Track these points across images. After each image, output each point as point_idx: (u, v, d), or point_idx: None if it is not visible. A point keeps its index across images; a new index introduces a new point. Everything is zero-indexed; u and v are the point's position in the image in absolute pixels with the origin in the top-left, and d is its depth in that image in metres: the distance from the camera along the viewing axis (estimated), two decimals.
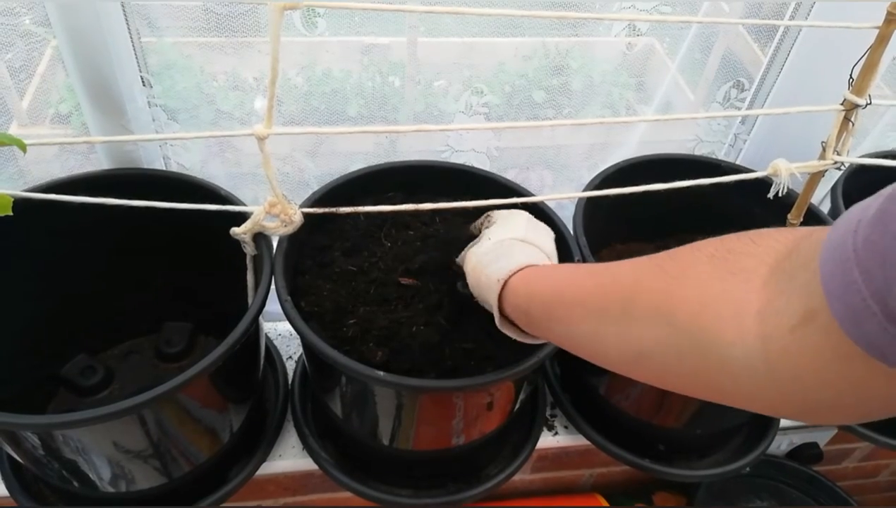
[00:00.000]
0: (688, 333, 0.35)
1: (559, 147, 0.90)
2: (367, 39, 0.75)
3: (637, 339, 0.39)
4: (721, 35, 0.84)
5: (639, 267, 0.41)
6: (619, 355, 0.41)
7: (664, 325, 0.37)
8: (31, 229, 0.68)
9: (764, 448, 0.86)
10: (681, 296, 0.36)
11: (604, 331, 0.42)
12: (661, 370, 0.39)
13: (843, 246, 0.26)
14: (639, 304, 0.39)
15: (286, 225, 0.62)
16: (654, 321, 0.37)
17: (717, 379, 0.35)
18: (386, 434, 0.69)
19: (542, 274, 0.50)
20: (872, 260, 0.25)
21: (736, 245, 0.36)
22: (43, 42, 0.69)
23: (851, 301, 0.26)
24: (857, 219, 0.27)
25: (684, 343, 0.36)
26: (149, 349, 0.86)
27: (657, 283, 0.38)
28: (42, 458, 0.61)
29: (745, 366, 0.32)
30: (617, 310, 0.41)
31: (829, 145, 0.64)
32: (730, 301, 0.33)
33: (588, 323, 0.43)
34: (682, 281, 0.37)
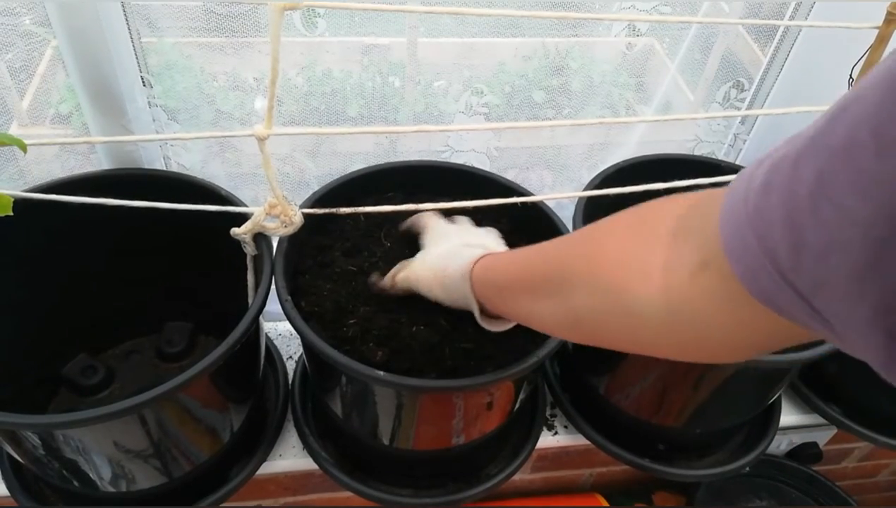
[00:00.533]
0: (609, 293, 0.38)
1: (559, 147, 0.90)
2: (367, 40, 0.76)
3: (570, 307, 0.42)
4: (721, 35, 0.84)
5: (566, 240, 0.46)
6: (557, 324, 0.45)
7: (591, 290, 0.40)
8: (32, 229, 0.68)
9: (763, 448, 0.86)
10: (602, 261, 0.40)
11: (541, 305, 0.45)
12: (593, 331, 0.42)
13: (737, 212, 0.29)
14: (567, 275, 0.42)
15: (286, 225, 0.62)
16: (582, 287, 0.41)
17: (636, 332, 0.38)
18: (386, 434, 0.69)
19: (494, 260, 0.54)
20: (763, 226, 0.28)
21: (646, 211, 0.39)
22: (43, 42, 0.69)
23: (749, 261, 0.29)
24: (745, 187, 0.29)
25: (608, 303, 0.39)
26: (149, 349, 0.86)
27: (582, 251, 0.42)
28: (43, 458, 0.61)
29: (652, 316, 0.36)
30: (549, 284, 0.44)
31: None
32: (640, 258, 0.37)
33: (527, 299, 0.47)
34: (603, 247, 0.40)
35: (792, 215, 0.26)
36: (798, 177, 0.26)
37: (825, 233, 0.25)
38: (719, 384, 0.72)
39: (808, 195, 0.25)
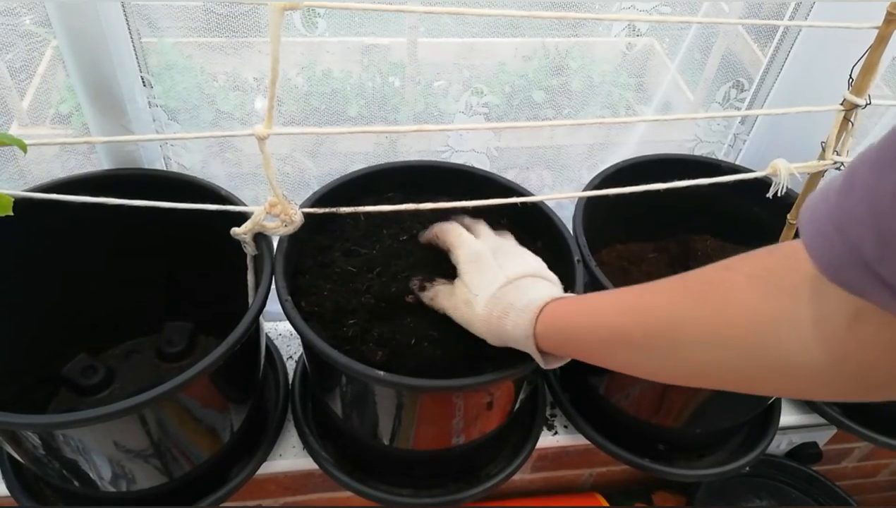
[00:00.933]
0: (745, 351, 0.38)
1: (559, 147, 0.90)
2: (367, 40, 0.76)
3: (687, 363, 0.42)
4: (721, 35, 0.84)
5: (676, 298, 0.44)
6: (670, 377, 0.45)
7: (717, 348, 0.40)
8: (32, 229, 0.68)
9: (763, 448, 0.86)
10: (732, 320, 0.39)
11: (650, 361, 0.45)
12: (716, 382, 0.42)
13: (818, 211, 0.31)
14: (685, 335, 0.42)
15: (286, 225, 0.62)
16: (705, 346, 0.41)
17: (780, 383, 0.39)
18: (386, 434, 0.69)
19: (568, 317, 0.52)
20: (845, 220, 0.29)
21: (769, 262, 0.39)
22: (43, 42, 0.69)
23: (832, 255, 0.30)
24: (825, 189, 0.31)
25: (741, 360, 0.39)
26: (149, 349, 0.86)
27: (702, 313, 0.41)
28: (43, 458, 0.61)
29: (811, 370, 0.36)
30: (662, 343, 0.44)
31: (828, 145, 0.64)
32: (783, 315, 0.37)
33: (631, 355, 0.46)
34: (729, 306, 0.39)
35: (876, 210, 0.27)
36: (882, 174, 0.27)
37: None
38: None
39: (892, 195, 0.27)
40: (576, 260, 0.69)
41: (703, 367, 0.42)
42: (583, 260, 0.69)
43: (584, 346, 0.50)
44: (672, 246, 0.89)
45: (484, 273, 0.58)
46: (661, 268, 0.86)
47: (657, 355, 0.44)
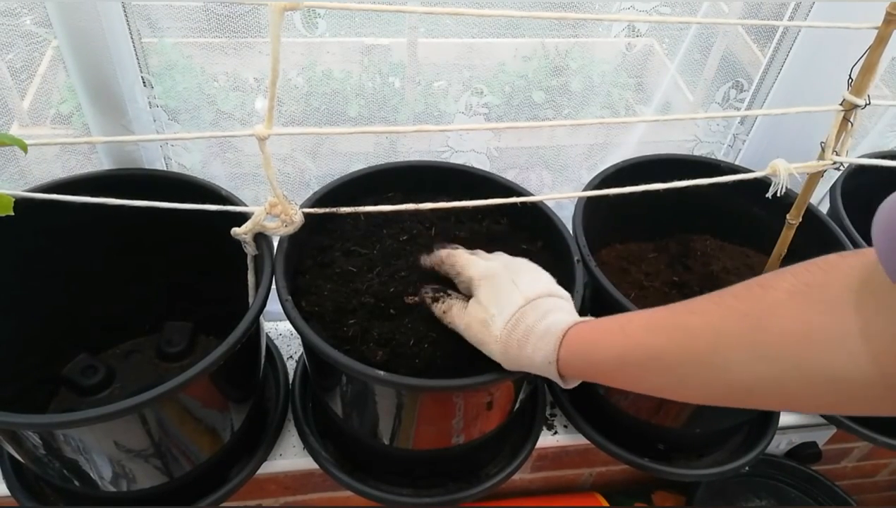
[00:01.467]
0: (789, 366, 0.38)
1: (559, 147, 0.90)
2: (367, 40, 0.76)
3: (726, 381, 0.42)
4: (720, 35, 0.84)
5: (713, 317, 0.43)
6: (706, 396, 0.45)
7: (760, 364, 0.40)
8: (33, 229, 0.68)
9: (763, 448, 0.86)
10: (774, 336, 0.39)
11: (687, 380, 0.45)
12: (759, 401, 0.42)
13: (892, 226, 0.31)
14: (725, 353, 0.41)
15: (287, 225, 0.62)
16: (746, 364, 0.40)
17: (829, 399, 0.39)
18: (386, 434, 0.69)
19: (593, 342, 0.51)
20: None
21: (810, 278, 0.39)
22: (44, 42, 0.69)
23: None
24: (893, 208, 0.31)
25: (785, 375, 0.39)
26: (150, 348, 0.86)
27: (742, 329, 0.41)
28: (43, 457, 0.61)
29: (861, 385, 0.36)
30: (700, 362, 0.43)
31: (828, 145, 0.64)
32: (830, 331, 0.37)
33: (667, 377, 0.46)
34: (771, 321, 0.39)
35: None
36: None
37: None
38: None
39: None
40: (576, 260, 0.69)
41: (744, 386, 0.41)
42: (583, 260, 0.69)
43: (612, 370, 0.49)
44: (672, 246, 0.89)
45: (500, 292, 0.57)
46: (660, 268, 0.86)
47: (693, 375, 0.44)
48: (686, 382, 0.45)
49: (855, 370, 0.36)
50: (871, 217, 0.35)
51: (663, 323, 0.46)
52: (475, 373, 0.59)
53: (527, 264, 0.61)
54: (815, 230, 0.78)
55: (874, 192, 0.92)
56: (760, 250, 0.84)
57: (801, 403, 0.40)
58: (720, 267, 0.84)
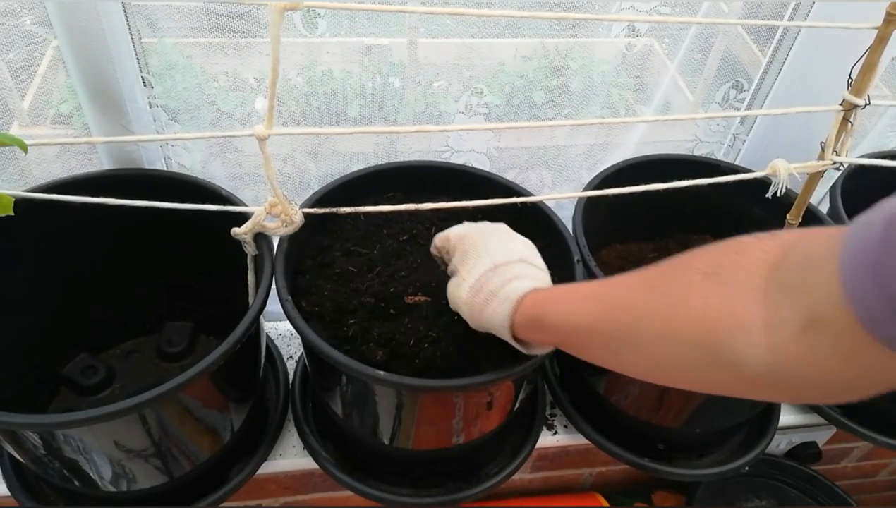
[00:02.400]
0: (699, 348, 0.38)
1: (559, 147, 0.90)
2: (367, 40, 0.76)
3: (651, 356, 0.42)
4: (720, 35, 0.84)
5: (637, 291, 0.44)
6: (636, 370, 0.45)
7: (676, 343, 0.40)
8: (33, 229, 0.68)
9: (763, 448, 0.86)
10: (685, 317, 0.39)
11: (617, 352, 0.46)
12: (679, 379, 0.42)
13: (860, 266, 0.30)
14: (646, 328, 0.42)
15: (287, 225, 0.62)
16: (665, 341, 0.41)
17: (733, 384, 0.38)
18: (386, 434, 0.69)
19: (544, 307, 0.52)
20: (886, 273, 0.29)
21: (724, 259, 0.39)
22: (44, 42, 0.69)
23: (875, 310, 0.29)
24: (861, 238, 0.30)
25: (697, 357, 0.39)
26: (150, 348, 0.86)
27: (658, 307, 0.41)
28: (43, 457, 0.61)
29: (759, 373, 0.36)
30: (626, 335, 0.44)
31: (828, 145, 0.64)
32: (733, 316, 0.37)
33: (601, 347, 0.47)
34: (683, 302, 0.40)
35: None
36: None
37: None
38: None
39: None
40: (576, 260, 0.69)
41: (661, 363, 0.42)
42: (583, 261, 0.69)
43: (558, 336, 0.51)
44: (672, 246, 0.89)
45: (471, 255, 0.58)
46: None
47: (621, 347, 0.45)
48: (616, 354, 0.46)
49: (753, 359, 0.36)
50: None
51: (602, 294, 0.47)
52: (475, 373, 0.59)
53: (501, 229, 0.62)
54: None
55: (874, 192, 0.92)
56: None
57: (707, 385, 0.41)
58: None
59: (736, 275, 0.37)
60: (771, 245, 0.37)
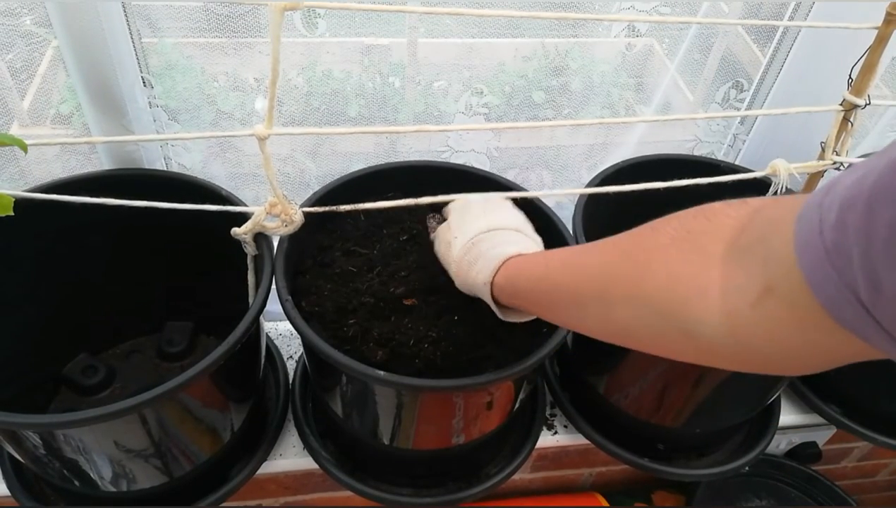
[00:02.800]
0: (661, 313, 0.38)
1: (559, 147, 0.90)
2: (367, 40, 0.76)
3: (617, 320, 0.42)
4: (720, 35, 0.84)
5: (607, 255, 0.45)
6: (603, 333, 0.45)
7: (639, 307, 0.40)
8: (33, 229, 0.68)
9: (763, 448, 0.86)
10: (650, 281, 0.39)
11: (585, 315, 0.46)
12: (643, 343, 0.42)
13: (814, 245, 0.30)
14: (613, 292, 0.42)
15: (287, 224, 0.62)
16: (630, 304, 0.41)
17: (692, 350, 0.38)
18: (386, 434, 0.69)
19: (521, 270, 0.53)
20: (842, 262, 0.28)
21: (693, 224, 0.39)
22: (44, 42, 0.69)
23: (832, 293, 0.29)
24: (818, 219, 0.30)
25: (659, 321, 0.39)
26: (150, 348, 0.86)
27: (626, 270, 0.42)
28: (43, 457, 0.61)
29: (714, 340, 0.36)
30: (594, 298, 0.44)
31: (828, 145, 0.64)
32: (694, 281, 0.37)
33: (571, 310, 0.47)
34: (649, 266, 0.40)
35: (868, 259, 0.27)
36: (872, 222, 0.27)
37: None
38: (719, 383, 0.72)
39: (883, 242, 0.26)
40: None
41: (627, 326, 0.42)
42: None
43: (531, 299, 0.51)
44: None
45: (467, 218, 0.61)
46: None
47: (590, 311, 0.45)
48: (584, 317, 0.46)
49: (707, 325, 0.35)
50: None
51: (574, 259, 0.48)
52: (475, 373, 0.59)
53: (506, 203, 0.64)
54: None
55: None
56: None
57: (667, 350, 0.41)
58: None
59: (701, 241, 0.37)
60: (740, 211, 0.37)
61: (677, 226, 0.40)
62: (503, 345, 0.63)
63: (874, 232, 0.26)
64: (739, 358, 0.36)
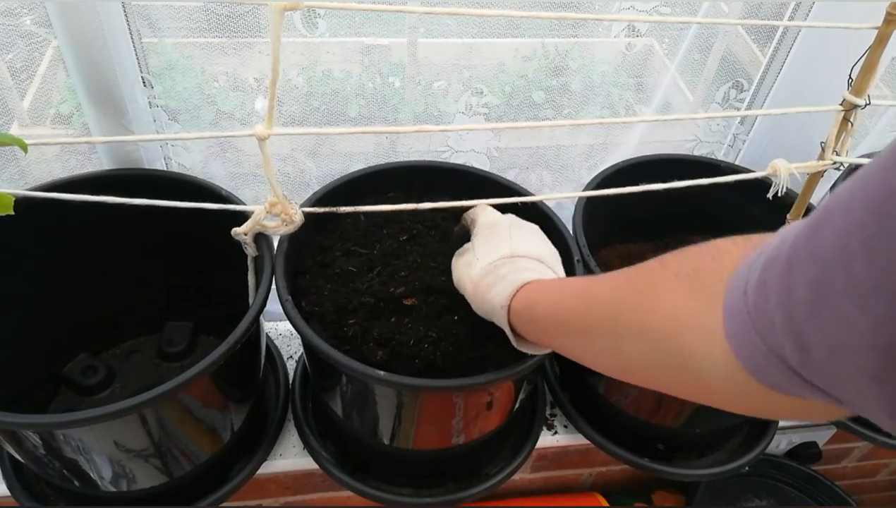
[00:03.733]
0: (665, 350, 0.38)
1: (559, 147, 0.90)
2: (367, 40, 0.76)
3: (622, 353, 0.42)
4: (720, 35, 0.84)
5: (617, 288, 0.44)
6: (609, 367, 0.45)
7: (644, 341, 0.40)
8: (33, 229, 0.68)
9: (763, 448, 0.86)
10: (656, 316, 0.39)
11: (593, 347, 0.46)
12: (647, 379, 0.42)
13: (738, 308, 0.30)
14: (620, 324, 0.42)
15: (287, 224, 0.62)
16: (635, 338, 0.41)
17: (697, 389, 0.38)
18: (386, 434, 0.69)
19: (537, 296, 0.52)
20: (765, 326, 0.28)
21: (699, 262, 0.39)
22: (44, 42, 0.69)
23: (757, 358, 0.29)
24: (744, 279, 0.30)
25: (664, 358, 0.39)
26: (150, 348, 0.86)
27: (634, 305, 0.41)
28: (43, 458, 0.61)
29: (718, 380, 0.35)
30: (602, 330, 0.44)
31: (828, 145, 0.64)
32: (699, 320, 0.36)
33: (578, 340, 0.47)
34: (655, 301, 0.39)
35: (792, 320, 0.26)
36: (792, 282, 0.26)
37: (828, 338, 0.25)
38: None
39: (806, 302, 0.26)
40: (576, 260, 0.69)
41: (634, 361, 0.41)
42: (583, 260, 0.69)
43: (544, 326, 0.51)
44: (672, 246, 0.88)
45: (493, 241, 0.59)
46: None
47: (598, 343, 0.45)
48: (594, 350, 0.46)
49: (712, 364, 0.35)
50: None
51: (586, 288, 0.47)
52: (475, 373, 0.59)
53: (532, 228, 0.63)
54: None
55: None
56: None
57: (675, 389, 0.40)
58: None
59: (706, 280, 0.37)
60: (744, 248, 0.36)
61: (684, 262, 0.40)
62: (503, 345, 0.63)
63: (795, 291, 0.26)
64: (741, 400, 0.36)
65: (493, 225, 0.62)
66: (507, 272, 0.55)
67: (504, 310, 0.53)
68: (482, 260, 0.58)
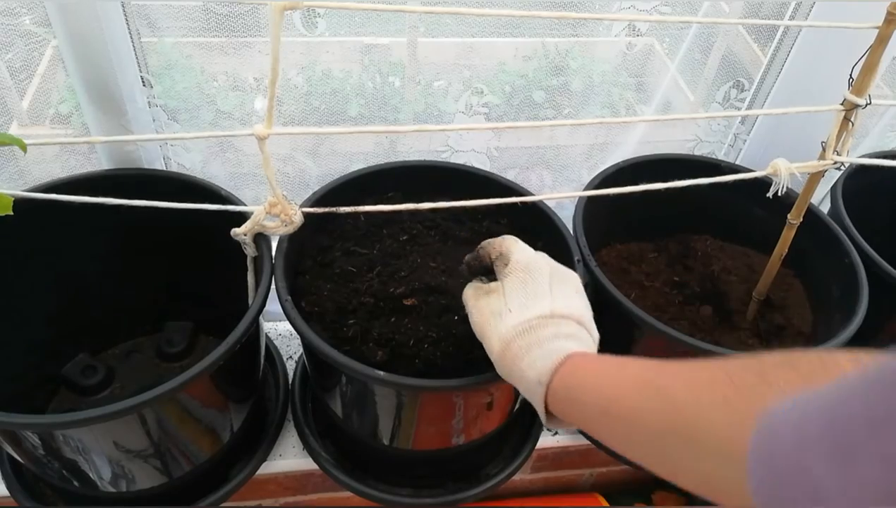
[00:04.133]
0: (718, 465, 0.34)
1: (559, 147, 0.90)
2: (367, 40, 0.76)
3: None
4: (721, 35, 0.84)
5: (699, 392, 0.37)
6: (651, 465, 0.40)
7: (693, 453, 0.35)
8: (32, 229, 0.68)
9: None
10: (704, 431, 0.34)
11: (633, 442, 0.41)
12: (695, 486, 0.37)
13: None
14: (667, 430, 0.37)
15: (286, 224, 0.62)
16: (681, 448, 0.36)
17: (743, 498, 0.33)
18: (386, 434, 0.69)
19: (584, 380, 0.45)
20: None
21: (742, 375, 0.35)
22: (43, 42, 0.69)
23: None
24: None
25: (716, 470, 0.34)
26: (150, 348, 0.86)
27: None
28: (43, 458, 0.61)
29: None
30: (647, 430, 0.39)
31: (828, 145, 0.64)
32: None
33: (645, 445, 0.41)
34: (704, 414, 0.35)
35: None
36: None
37: None
38: None
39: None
40: (576, 260, 0.69)
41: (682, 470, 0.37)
42: (583, 260, 0.69)
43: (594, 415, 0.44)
44: (672, 246, 0.89)
45: (530, 290, 0.51)
46: (660, 268, 0.86)
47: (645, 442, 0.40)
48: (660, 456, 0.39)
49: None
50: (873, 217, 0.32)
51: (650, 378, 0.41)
52: (475, 373, 0.59)
53: (573, 277, 0.55)
54: (816, 230, 0.78)
55: (875, 192, 0.91)
56: (761, 250, 0.84)
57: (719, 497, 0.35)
58: (720, 268, 0.84)
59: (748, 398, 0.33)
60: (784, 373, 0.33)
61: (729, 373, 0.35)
62: None
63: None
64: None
65: (532, 268, 0.53)
66: (547, 338, 0.48)
67: (542, 388, 0.46)
68: (516, 314, 0.50)
